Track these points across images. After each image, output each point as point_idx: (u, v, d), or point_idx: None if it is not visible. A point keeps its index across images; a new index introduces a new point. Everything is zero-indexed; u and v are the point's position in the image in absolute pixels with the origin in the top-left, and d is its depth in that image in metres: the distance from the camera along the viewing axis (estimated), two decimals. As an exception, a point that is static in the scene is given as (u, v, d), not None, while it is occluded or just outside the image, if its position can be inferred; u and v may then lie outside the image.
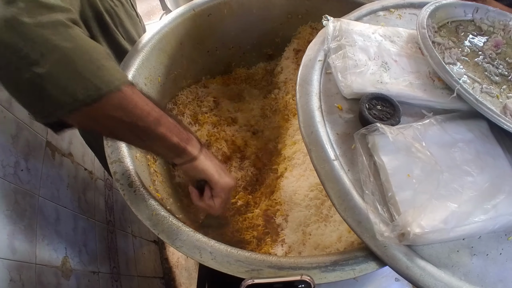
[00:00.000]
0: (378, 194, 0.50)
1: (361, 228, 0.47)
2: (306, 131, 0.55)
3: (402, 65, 0.66)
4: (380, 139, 0.54)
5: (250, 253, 0.48)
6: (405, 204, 0.48)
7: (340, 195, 0.49)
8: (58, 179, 0.85)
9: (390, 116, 0.56)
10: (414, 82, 0.63)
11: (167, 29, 0.86)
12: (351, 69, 0.62)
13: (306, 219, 0.66)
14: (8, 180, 0.67)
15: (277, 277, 0.47)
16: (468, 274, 0.49)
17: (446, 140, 0.57)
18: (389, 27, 0.75)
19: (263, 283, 0.46)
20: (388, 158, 0.52)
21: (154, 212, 0.54)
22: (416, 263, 0.46)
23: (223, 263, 0.48)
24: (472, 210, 0.51)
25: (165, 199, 0.69)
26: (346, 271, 0.47)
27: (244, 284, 0.46)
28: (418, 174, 0.51)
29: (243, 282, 0.46)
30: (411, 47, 0.71)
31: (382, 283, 0.88)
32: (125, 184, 0.57)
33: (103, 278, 0.91)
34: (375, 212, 0.48)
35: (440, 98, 0.62)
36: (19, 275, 0.63)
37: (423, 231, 0.46)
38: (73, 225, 0.85)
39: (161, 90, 0.87)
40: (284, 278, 0.46)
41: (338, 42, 0.67)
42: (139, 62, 0.77)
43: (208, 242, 0.49)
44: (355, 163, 0.53)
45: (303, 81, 0.63)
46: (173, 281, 1.27)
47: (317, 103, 0.59)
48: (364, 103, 0.56)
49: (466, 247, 0.50)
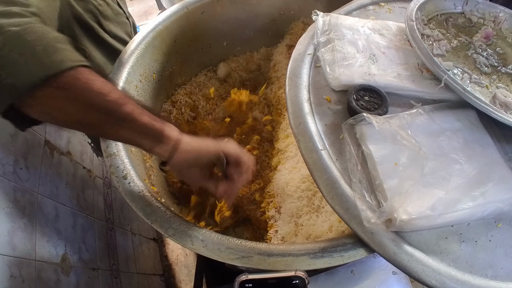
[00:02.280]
0: (365, 182, 0.51)
1: (349, 215, 0.48)
2: (295, 122, 0.56)
3: (391, 57, 0.67)
4: (368, 128, 0.55)
5: (240, 241, 0.49)
6: (392, 192, 0.49)
7: (328, 184, 0.50)
8: (57, 177, 0.85)
9: (377, 106, 0.57)
10: (402, 73, 0.64)
11: (161, 27, 0.87)
12: (340, 61, 0.63)
13: (298, 210, 0.67)
14: (8, 178, 0.68)
15: (271, 272, 0.47)
16: (457, 261, 0.49)
17: (433, 129, 0.58)
18: (378, 21, 0.76)
19: (257, 279, 0.46)
20: (376, 147, 0.53)
21: (148, 202, 0.55)
22: (404, 249, 0.47)
23: (214, 250, 0.49)
24: (460, 197, 0.51)
25: (160, 193, 0.70)
26: (335, 257, 0.48)
27: (238, 280, 0.46)
28: (404, 162, 0.51)
29: (237, 278, 0.46)
30: (400, 40, 0.72)
31: (379, 276, 0.89)
32: (120, 176, 0.59)
33: (103, 275, 0.92)
34: (362, 199, 0.48)
35: (428, 89, 0.63)
36: (19, 271, 0.64)
37: (410, 217, 0.47)
38: (72, 222, 0.86)
39: (156, 87, 0.88)
40: (278, 274, 0.46)
41: (327, 36, 0.68)
42: (133, 59, 0.78)
43: (199, 230, 0.51)
44: (343, 153, 0.54)
45: (292, 74, 0.64)
46: (173, 278, 1.28)
47: (306, 95, 0.60)
48: (352, 94, 0.57)
49: (455, 234, 0.51)
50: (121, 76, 0.74)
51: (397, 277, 0.92)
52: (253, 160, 0.58)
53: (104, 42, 0.78)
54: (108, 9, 0.78)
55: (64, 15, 0.67)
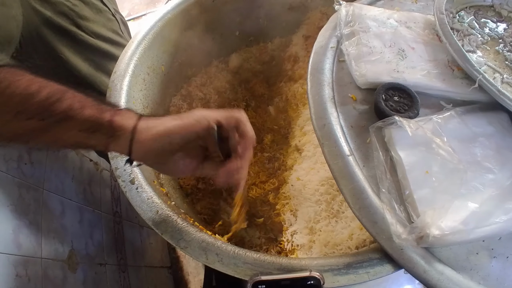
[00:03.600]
0: (394, 192, 0.47)
1: (377, 229, 0.45)
2: (318, 124, 0.53)
3: (420, 53, 0.62)
4: (397, 132, 0.51)
5: (258, 255, 0.46)
6: (423, 203, 0.46)
7: (355, 193, 0.47)
8: (63, 171, 0.84)
9: (407, 108, 0.53)
10: (432, 71, 0.60)
11: (170, 16, 0.82)
12: (366, 56, 0.59)
13: (316, 215, 0.64)
14: (12, 174, 0.66)
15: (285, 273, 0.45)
16: (487, 278, 0.46)
17: (466, 134, 0.54)
18: (404, 12, 0.71)
19: (270, 280, 0.44)
20: (405, 153, 0.49)
21: (158, 210, 0.52)
22: (434, 266, 0.44)
23: (230, 265, 0.46)
24: (493, 210, 0.48)
25: (170, 194, 0.67)
26: (360, 274, 0.45)
27: (251, 282, 0.44)
28: (437, 172, 0.48)
29: (250, 279, 0.44)
30: (428, 34, 0.68)
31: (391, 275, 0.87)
32: (127, 181, 0.55)
33: (110, 270, 0.91)
34: (391, 212, 0.45)
35: (459, 89, 0.59)
36: (25, 270, 0.62)
37: (443, 233, 0.44)
38: (79, 217, 0.85)
39: (164, 80, 0.85)
40: (292, 275, 0.44)
41: (351, 28, 0.64)
42: (141, 51, 0.74)
43: (214, 243, 0.47)
44: (370, 158, 0.50)
45: (314, 70, 0.60)
46: (181, 270, 1.27)
47: (329, 93, 0.56)
48: (381, 93, 0.53)
49: (486, 249, 0.48)
50: (127, 70, 0.70)
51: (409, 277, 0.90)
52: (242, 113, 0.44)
53: (84, 43, 0.73)
54: (85, 8, 0.74)
55: (30, 22, 0.64)
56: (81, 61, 0.73)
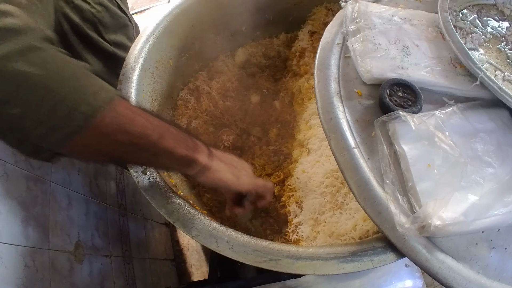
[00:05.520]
0: (398, 183, 0.49)
1: (381, 218, 0.47)
2: (325, 118, 0.54)
3: (423, 50, 0.64)
4: (401, 127, 0.52)
5: (268, 243, 0.48)
6: (426, 195, 0.48)
7: (360, 185, 0.48)
8: (69, 164, 0.84)
9: (411, 103, 0.54)
10: (435, 68, 0.61)
11: (178, 11, 0.83)
12: (371, 53, 0.60)
13: (321, 207, 0.66)
14: (20, 166, 0.66)
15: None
16: (486, 268, 0.48)
17: (467, 130, 0.55)
18: (408, 10, 0.72)
19: None
20: (409, 147, 0.51)
21: (169, 199, 0.53)
22: (436, 255, 0.46)
23: (240, 252, 0.47)
24: (492, 203, 0.50)
25: (178, 186, 0.69)
26: (364, 262, 0.47)
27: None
28: (439, 165, 0.49)
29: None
30: (431, 31, 0.69)
31: (392, 268, 0.89)
32: (139, 171, 0.57)
33: (115, 261, 0.92)
34: (395, 203, 0.47)
35: (462, 85, 0.60)
36: (33, 260, 0.63)
37: (444, 223, 0.45)
38: (85, 209, 0.86)
39: (173, 73, 0.86)
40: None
41: (357, 24, 0.65)
42: (150, 45, 0.75)
43: (225, 231, 0.49)
44: (375, 151, 0.52)
45: (321, 65, 0.61)
46: (184, 263, 1.28)
47: (336, 88, 0.57)
48: (385, 89, 0.55)
49: (485, 240, 0.50)
50: (137, 63, 0.72)
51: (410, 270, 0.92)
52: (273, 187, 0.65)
53: (104, 51, 0.73)
54: (106, 15, 0.73)
55: (61, 28, 0.64)
56: (101, 68, 0.73)
